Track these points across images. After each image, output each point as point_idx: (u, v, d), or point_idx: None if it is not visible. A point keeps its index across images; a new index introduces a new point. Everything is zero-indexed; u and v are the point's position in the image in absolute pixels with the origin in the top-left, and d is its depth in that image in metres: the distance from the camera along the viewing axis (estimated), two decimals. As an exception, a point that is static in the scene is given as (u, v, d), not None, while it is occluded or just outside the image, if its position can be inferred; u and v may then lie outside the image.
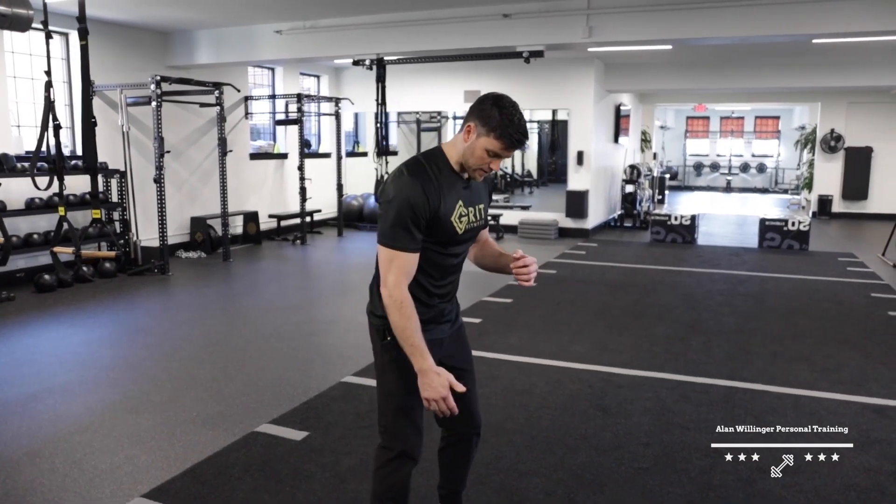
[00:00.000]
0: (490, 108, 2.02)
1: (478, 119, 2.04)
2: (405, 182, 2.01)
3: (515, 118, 2.02)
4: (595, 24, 6.76)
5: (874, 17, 6.13)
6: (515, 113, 2.03)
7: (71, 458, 3.21)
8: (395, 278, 2.00)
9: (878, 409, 3.90)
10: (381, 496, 2.20)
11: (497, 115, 2.01)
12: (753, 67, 11.02)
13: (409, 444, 2.16)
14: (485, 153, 2.05)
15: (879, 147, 13.61)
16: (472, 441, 2.42)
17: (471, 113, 2.07)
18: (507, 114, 2.01)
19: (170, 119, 8.20)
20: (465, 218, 2.13)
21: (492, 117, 2.01)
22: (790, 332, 5.53)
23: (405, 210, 1.98)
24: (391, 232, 2.00)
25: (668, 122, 22.20)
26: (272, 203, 10.78)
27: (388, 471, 2.17)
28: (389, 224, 2.00)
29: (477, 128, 2.03)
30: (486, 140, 2.03)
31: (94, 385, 4.25)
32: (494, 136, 2.01)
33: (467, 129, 2.06)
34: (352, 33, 7.77)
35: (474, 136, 2.04)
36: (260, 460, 3.18)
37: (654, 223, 10.76)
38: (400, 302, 1.99)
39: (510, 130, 2.01)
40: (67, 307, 6.19)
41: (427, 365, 1.99)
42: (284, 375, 4.41)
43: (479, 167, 2.08)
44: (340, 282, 7.81)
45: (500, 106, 2.02)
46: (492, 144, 2.03)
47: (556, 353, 4.90)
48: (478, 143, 2.04)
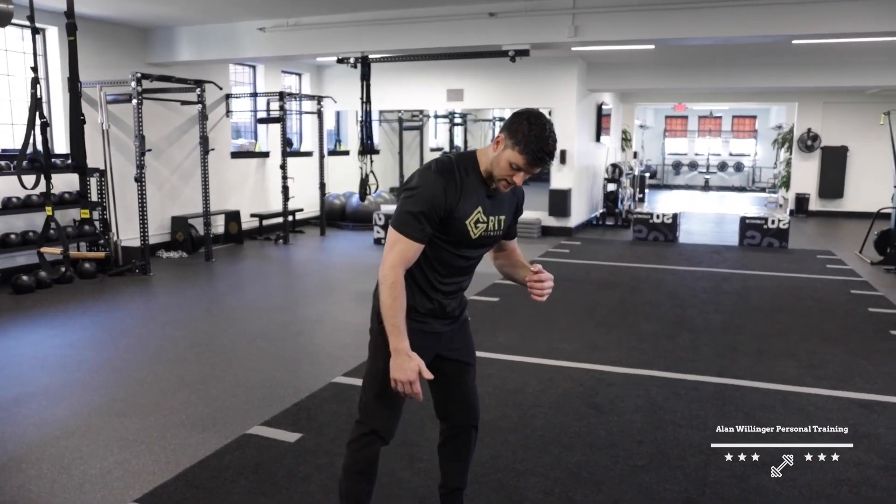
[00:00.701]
0: (520, 123, 2.06)
1: (507, 131, 2.09)
2: (430, 177, 2.09)
3: (543, 135, 2.05)
4: (581, 24, 6.78)
5: (853, 19, 6.21)
6: (544, 130, 2.05)
7: (59, 464, 3.14)
8: (394, 260, 2.08)
9: (865, 404, 3.95)
10: (351, 468, 2.30)
11: (525, 129, 2.05)
12: (732, 67, 11.13)
13: (383, 425, 2.24)
14: (508, 166, 2.09)
15: (855, 146, 13.82)
16: (471, 434, 2.45)
17: (504, 125, 2.11)
18: (535, 130, 2.04)
19: (150, 117, 8.09)
20: (482, 225, 2.18)
21: (519, 131, 2.05)
22: (774, 329, 5.59)
23: (422, 202, 2.06)
24: (403, 217, 2.08)
25: (647, 121, 22.39)
26: (254, 202, 10.67)
27: (359, 445, 2.28)
28: (404, 210, 2.09)
29: (505, 139, 2.08)
30: (510, 153, 2.07)
31: (78, 388, 4.17)
32: (519, 149, 2.06)
33: (496, 141, 2.11)
34: (336, 31, 7.71)
35: (501, 148, 2.09)
36: (254, 463, 3.14)
37: (637, 221, 10.83)
38: (392, 282, 2.07)
39: (533, 146, 2.04)
40: (47, 309, 6.08)
41: (402, 346, 2.06)
42: (274, 376, 4.37)
43: (502, 178, 2.13)
44: (325, 281, 7.75)
45: (530, 122, 2.06)
46: (515, 158, 2.07)
47: (546, 351, 4.90)
48: (503, 155, 2.09)
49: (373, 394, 2.25)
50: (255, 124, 11.04)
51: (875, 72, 10.50)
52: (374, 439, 2.25)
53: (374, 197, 10.98)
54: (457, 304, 2.32)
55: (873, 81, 10.84)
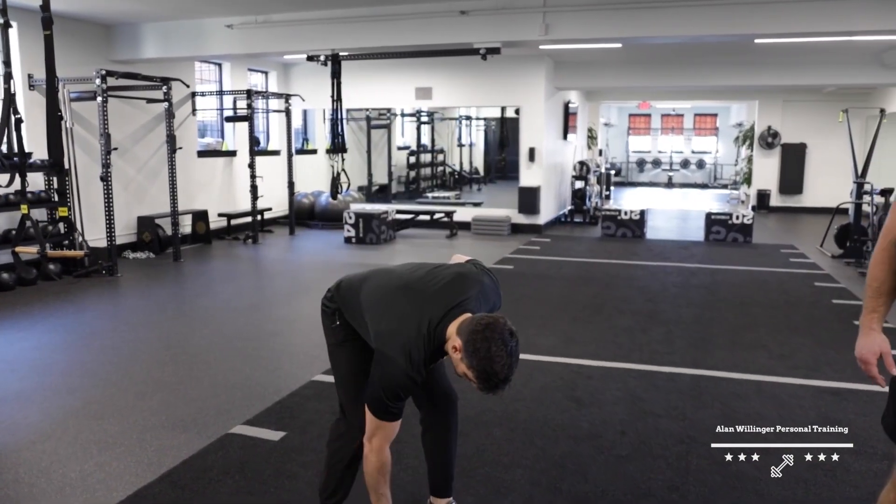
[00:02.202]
0: (480, 342, 1.95)
1: (465, 351, 1.98)
2: (402, 376, 2.05)
3: (500, 370, 1.95)
4: (551, 22, 6.84)
5: (813, 19, 6.38)
6: (503, 363, 1.94)
7: (36, 468, 3.06)
8: (380, 443, 2.17)
9: (835, 391, 4.07)
10: (333, 466, 2.41)
11: (483, 353, 1.93)
12: (695, 66, 11.33)
13: (362, 420, 2.24)
14: (464, 374, 2.03)
15: (813, 143, 14.19)
16: (450, 418, 2.49)
17: (464, 334, 2.00)
18: (496, 363, 1.93)
19: (115, 115, 7.91)
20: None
21: (476, 353, 1.95)
22: (745, 322, 5.72)
23: (394, 397, 2.08)
24: (380, 407, 2.10)
25: (612, 119, 22.65)
26: (221, 201, 10.52)
27: (341, 443, 2.38)
28: (381, 403, 2.09)
29: (464, 357, 1.98)
30: (466, 370, 2.00)
31: (51, 391, 4.07)
32: (474, 374, 1.98)
33: (454, 347, 2.01)
34: (306, 28, 7.65)
35: (458, 356, 2.01)
36: (238, 462, 3.11)
37: (605, 218, 10.97)
38: (381, 464, 2.19)
39: (486, 379, 1.96)
40: (11, 311, 5.92)
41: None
42: (253, 376, 4.32)
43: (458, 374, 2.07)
44: (297, 281, 7.68)
45: (493, 350, 1.93)
46: (470, 378, 2.01)
47: (524, 346, 4.84)
48: (460, 366, 2.02)
49: (344, 392, 2.35)
50: (221, 123, 10.89)
51: (832, 71, 10.81)
52: (357, 435, 2.29)
53: (345, 196, 10.92)
54: None
55: (830, 80, 11.16)
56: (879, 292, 1.92)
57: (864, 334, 1.94)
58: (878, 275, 1.92)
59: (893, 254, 1.90)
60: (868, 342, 1.92)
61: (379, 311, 2.18)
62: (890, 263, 1.91)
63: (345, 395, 2.36)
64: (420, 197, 14.16)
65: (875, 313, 1.93)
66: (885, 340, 1.91)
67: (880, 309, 1.93)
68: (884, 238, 1.92)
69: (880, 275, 1.92)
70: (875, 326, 1.92)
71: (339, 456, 2.38)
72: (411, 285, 2.21)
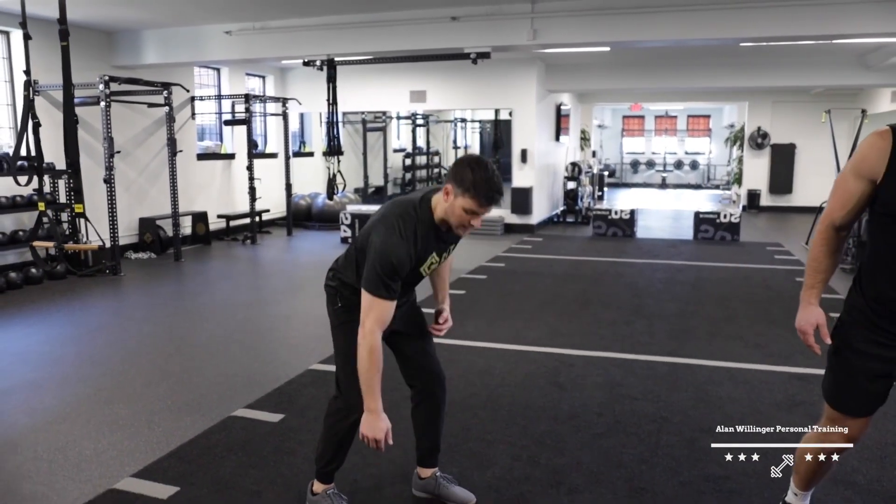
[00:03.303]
0: (464, 170, 2.23)
1: (454, 180, 2.24)
2: (394, 244, 2.24)
3: (489, 176, 2.21)
4: (539, 27, 7.09)
5: (796, 23, 6.63)
6: (488, 172, 2.22)
7: (53, 446, 3.30)
8: (372, 325, 2.24)
9: (802, 377, 4.31)
10: (329, 439, 2.57)
11: (471, 175, 2.20)
12: (686, 68, 11.59)
13: (358, 399, 2.38)
14: (463, 212, 2.26)
15: (802, 143, 14.44)
16: (439, 396, 2.70)
17: (448, 174, 2.28)
18: (479, 173, 2.20)
19: (116, 119, 8.14)
20: (434, 265, 2.45)
21: (465, 178, 2.21)
22: (725, 315, 5.96)
23: (389, 269, 2.23)
24: (374, 282, 2.24)
25: (605, 121, 22.91)
26: (220, 203, 10.76)
27: (337, 418, 2.54)
28: (374, 275, 2.24)
29: (454, 189, 2.24)
30: (462, 200, 2.23)
31: (62, 380, 4.31)
32: (470, 195, 2.22)
33: (445, 191, 2.27)
34: (302, 34, 7.89)
35: (452, 197, 2.26)
36: (241, 441, 3.34)
37: (596, 217, 11.21)
38: (371, 346, 2.24)
39: (483, 189, 2.20)
40: (20, 308, 6.15)
41: (375, 407, 2.28)
42: (252, 366, 4.56)
43: (460, 225, 2.31)
44: (294, 279, 7.92)
45: (472, 167, 2.22)
46: (468, 203, 2.23)
47: (511, 338, 5.18)
48: (456, 203, 2.25)
49: (343, 371, 2.49)
50: (219, 126, 11.13)
51: (818, 73, 11.06)
52: (352, 412, 2.45)
53: (340, 197, 11.17)
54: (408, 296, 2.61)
55: (816, 82, 11.42)
56: (817, 270, 2.15)
57: (803, 308, 2.16)
58: (817, 255, 2.15)
59: (831, 236, 2.12)
60: (806, 315, 2.15)
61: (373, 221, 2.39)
62: (827, 245, 2.13)
63: (342, 373, 2.53)
64: (415, 198, 14.37)
65: (813, 289, 2.15)
66: (821, 313, 2.13)
67: (818, 286, 2.15)
68: (822, 223, 2.14)
69: (818, 255, 2.14)
70: (813, 301, 2.15)
71: (334, 430, 2.57)
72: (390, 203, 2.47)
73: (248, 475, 3.00)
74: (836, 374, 2.18)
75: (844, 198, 2.06)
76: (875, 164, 1.96)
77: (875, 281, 2.07)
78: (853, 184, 2.03)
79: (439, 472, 2.80)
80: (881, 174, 1.95)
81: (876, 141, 1.97)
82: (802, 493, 2.44)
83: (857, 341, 2.11)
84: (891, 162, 1.93)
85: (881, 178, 1.95)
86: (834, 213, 2.10)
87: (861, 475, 3.01)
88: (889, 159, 1.93)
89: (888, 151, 1.93)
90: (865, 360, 2.08)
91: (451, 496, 2.75)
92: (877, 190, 1.98)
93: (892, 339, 2.04)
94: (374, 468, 3.06)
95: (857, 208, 2.06)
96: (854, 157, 2.05)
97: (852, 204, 2.05)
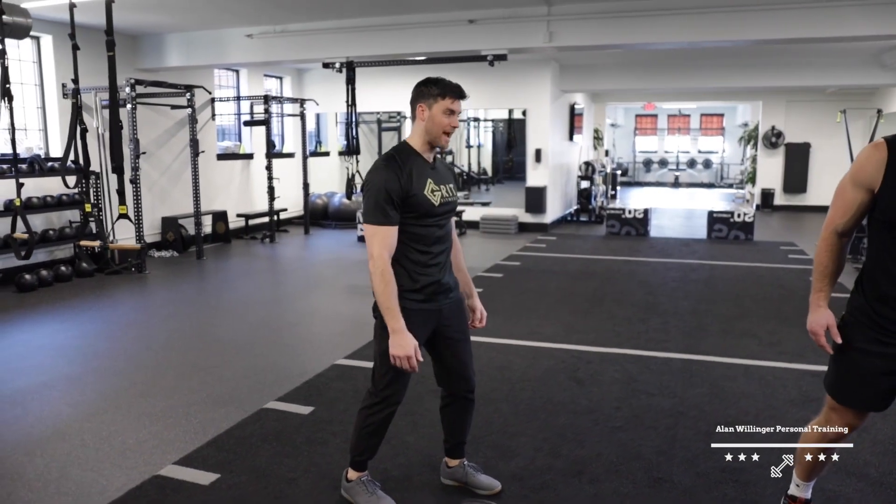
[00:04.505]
0: (424, 85, 2.53)
1: (421, 98, 2.52)
2: (379, 172, 2.48)
3: (446, 80, 2.52)
4: (555, 30, 7.21)
5: (810, 24, 6.72)
6: (442, 78, 2.54)
7: (98, 436, 3.47)
8: (379, 250, 2.43)
9: (815, 374, 4.40)
10: (363, 430, 2.72)
11: (433, 83, 2.52)
12: (699, 68, 11.67)
13: (394, 394, 2.63)
14: (443, 115, 2.50)
15: (817, 143, 14.47)
16: (467, 401, 2.85)
17: (414, 100, 2.55)
18: (439, 81, 2.52)
19: (140, 121, 8.33)
20: (437, 193, 2.57)
21: (430, 88, 2.51)
22: (738, 313, 6.06)
23: (381, 193, 2.43)
24: (373, 211, 2.45)
25: (618, 120, 22.98)
26: (239, 202, 10.96)
27: (371, 411, 2.68)
28: (371, 206, 2.45)
29: (425, 102, 2.51)
30: (438, 105, 2.50)
31: (99, 374, 4.49)
32: (441, 97, 2.49)
33: (420, 110, 2.52)
34: (322, 37, 8.05)
35: (428, 111, 2.51)
36: (274, 431, 3.50)
37: (610, 216, 11.32)
38: (381, 270, 2.42)
39: (451, 86, 2.52)
40: (52, 305, 6.35)
41: (399, 326, 2.43)
42: (279, 361, 4.72)
43: (443, 131, 2.52)
44: (314, 277, 8.09)
45: (429, 80, 2.54)
46: (445, 104, 2.50)
47: (528, 334, 5.32)
48: (434, 112, 2.50)
49: (382, 369, 2.63)
50: (239, 127, 11.33)
51: (833, 72, 11.12)
52: (386, 406, 2.64)
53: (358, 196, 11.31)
54: (450, 278, 2.71)
55: (831, 81, 11.47)
56: (824, 275, 2.27)
57: (813, 311, 2.28)
58: (823, 260, 2.27)
59: (834, 242, 2.25)
60: (817, 317, 2.27)
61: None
62: (832, 250, 2.26)
63: (380, 369, 2.64)
64: (430, 197, 14.51)
65: (821, 292, 2.27)
66: (831, 315, 2.26)
67: (826, 289, 2.27)
68: (826, 228, 2.26)
69: (825, 260, 2.26)
70: (822, 303, 2.27)
71: (368, 422, 2.71)
72: None
73: (283, 464, 3.16)
74: (840, 370, 2.30)
75: (845, 206, 2.19)
76: (872, 174, 2.08)
77: (876, 281, 2.18)
78: (852, 193, 2.16)
79: (466, 462, 2.94)
80: (878, 183, 2.07)
81: (872, 153, 2.09)
82: (805, 484, 2.56)
83: (860, 341, 2.22)
84: (887, 171, 2.05)
85: (878, 188, 2.08)
86: (836, 220, 2.22)
87: (874, 468, 3.13)
88: (885, 169, 2.05)
89: (884, 162, 2.05)
90: (869, 358, 2.19)
91: (477, 484, 2.89)
92: (875, 198, 2.10)
93: (894, 338, 2.15)
94: (402, 457, 3.21)
95: (858, 215, 2.18)
96: (852, 168, 2.18)
97: (853, 212, 2.17)
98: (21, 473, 3.11)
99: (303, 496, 2.88)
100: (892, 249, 2.13)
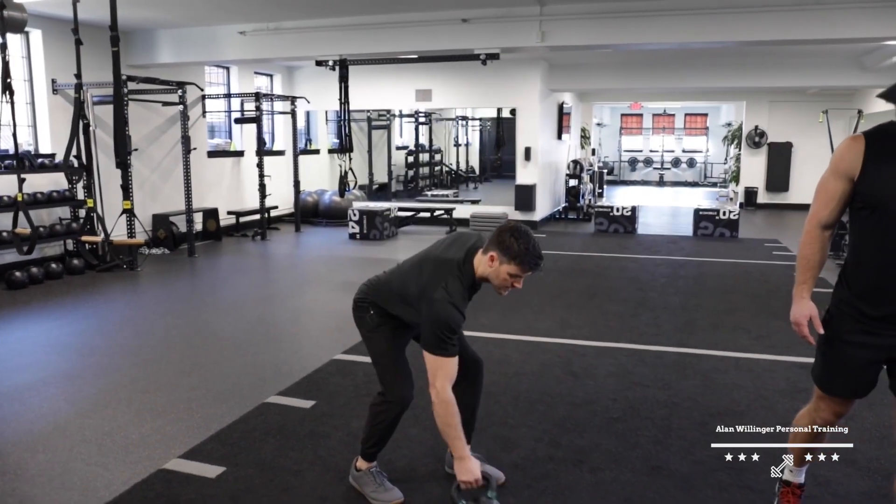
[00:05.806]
0: (509, 240, 2.48)
1: (499, 249, 2.50)
2: (450, 309, 2.50)
3: (531, 246, 2.48)
4: (547, 30, 7.29)
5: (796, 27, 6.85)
6: (530, 241, 2.49)
7: (100, 431, 3.49)
8: (443, 382, 2.50)
9: (804, 365, 4.50)
10: (375, 427, 2.80)
11: (515, 245, 2.46)
12: (686, 68, 11.80)
13: (403, 394, 2.72)
14: (508, 276, 2.53)
15: (798, 142, 14.68)
16: (478, 377, 2.98)
17: (492, 243, 2.53)
18: (523, 244, 2.47)
19: (131, 118, 8.29)
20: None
21: (511, 248, 2.47)
22: (727, 308, 6.18)
23: (449, 331, 2.49)
24: (438, 345, 2.49)
25: (604, 119, 23.12)
26: (230, 200, 10.94)
27: (380, 409, 2.78)
28: (436, 339, 2.49)
29: (499, 256, 2.50)
30: (508, 267, 2.50)
31: (98, 370, 4.50)
32: (516, 263, 2.48)
33: (491, 258, 2.52)
34: (315, 35, 8.07)
35: (497, 264, 2.52)
36: (277, 425, 3.54)
37: (598, 214, 11.43)
38: (447, 403, 2.50)
39: (529, 259, 2.49)
40: (44, 302, 6.33)
41: (465, 454, 2.56)
42: (279, 356, 4.76)
43: (503, 286, 2.58)
44: (307, 274, 8.12)
45: (517, 237, 2.48)
46: (514, 270, 2.51)
47: (524, 329, 5.39)
48: (501, 269, 2.52)
49: (383, 372, 2.76)
50: (229, 124, 11.30)
51: (815, 74, 11.29)
52: (395, 405, 2.74)
53: (349, 193, 11.36)
54: None
55: (813, 82, 11.65)
56: (808, 267, 2.34)
57: (796, 302, 2.36)
58: (807, 253, 2.34)
59: (818, 235, 2.32)
60: (800, 308, 2.34)
61: (414, 275, 2.64)
62: (816, 243, 2.33)
63: (384, 373, 2.75)
64: (419, 195, 14.60)
65: (805, 284, 2.35)
66: (813, 307, 2.33)
67: (809, 281, 2.34)
68: (809, 222, 2.33)
69: (808, 253, 2.34)
70: (805, 295, 2.34)
71: (380, 418, 2.78)
72: (428, 253, 2.74)
73: (287, 457, 3.20)
74: (827, 361, 2.38)
75: (827, 197, 2.27)
76: (852, 162, 2.17)
77: (859, 273, 2.27)
78: (833, 184, 2.25)
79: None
80: (858, 171, 2.17)
81: (851, 144, 2.20)
82: (797, 469, 2.65)
83: (845, 332, 2.29)
84: (865, 159, 2.15)
85: (858, 175, 2.17)
86: (819, 213, 2.30)
87: (861, 454, 3.22)
88: (864, 157, 2.15)
89: (862, 151, 2.16)
90: (855, 349, 2.27)
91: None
92: (855, 186, 2.19)
93: (879, 328, 2.22)
94: (406, 449, 3.26)
95: (840, 206, 2.26)
96: (833, 160, 2.27)
97: (835, 202, 2.26)
98: (23, 469, 3.12)
99: (309, 488, 2.93)
100: (872, 239, 2.21)
